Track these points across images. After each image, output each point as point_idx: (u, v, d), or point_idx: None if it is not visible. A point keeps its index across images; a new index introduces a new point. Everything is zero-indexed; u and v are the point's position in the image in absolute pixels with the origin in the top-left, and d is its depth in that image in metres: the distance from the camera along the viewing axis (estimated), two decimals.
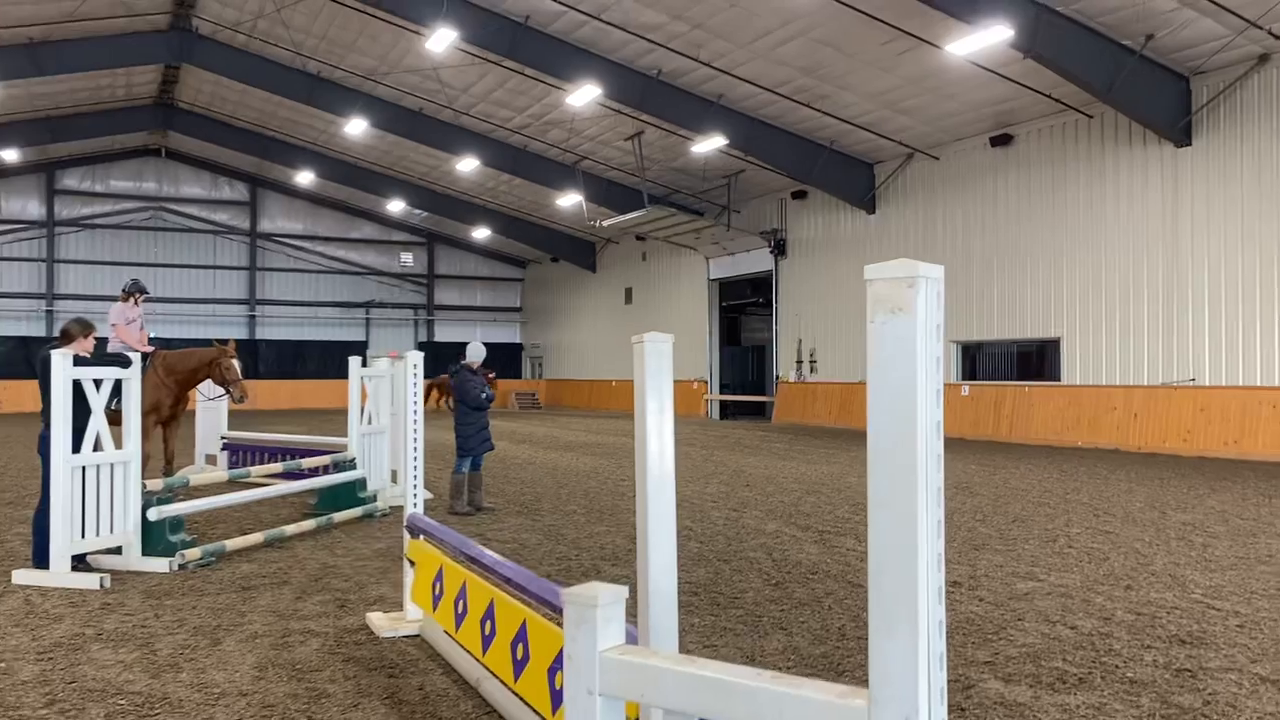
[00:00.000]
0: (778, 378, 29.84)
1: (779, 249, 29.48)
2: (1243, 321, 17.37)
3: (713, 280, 33.17)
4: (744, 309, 35.96)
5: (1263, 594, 6.53)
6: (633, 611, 2.93)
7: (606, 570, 7.43)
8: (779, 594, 6.66)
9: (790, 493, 12.07)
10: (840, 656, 5.19)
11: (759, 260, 30.37)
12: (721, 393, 33.22)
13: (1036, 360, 22.30)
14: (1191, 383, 18.09)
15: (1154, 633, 5.57)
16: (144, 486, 7.67)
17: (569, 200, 31.61)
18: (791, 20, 18.86)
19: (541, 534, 9.13)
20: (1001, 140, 22.03)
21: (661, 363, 3.09)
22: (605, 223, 30.82)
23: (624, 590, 2.23)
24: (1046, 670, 4.88)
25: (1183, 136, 18.21)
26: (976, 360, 23.73)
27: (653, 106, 23.19)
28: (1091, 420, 19.65)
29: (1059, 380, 20.89)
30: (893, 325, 1.77)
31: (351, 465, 10.49)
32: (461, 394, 10.28)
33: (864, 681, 5.01)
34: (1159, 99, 18.03)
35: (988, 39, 16.34)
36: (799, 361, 28.74)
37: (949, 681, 4.74)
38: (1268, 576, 7.08)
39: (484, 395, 10.24)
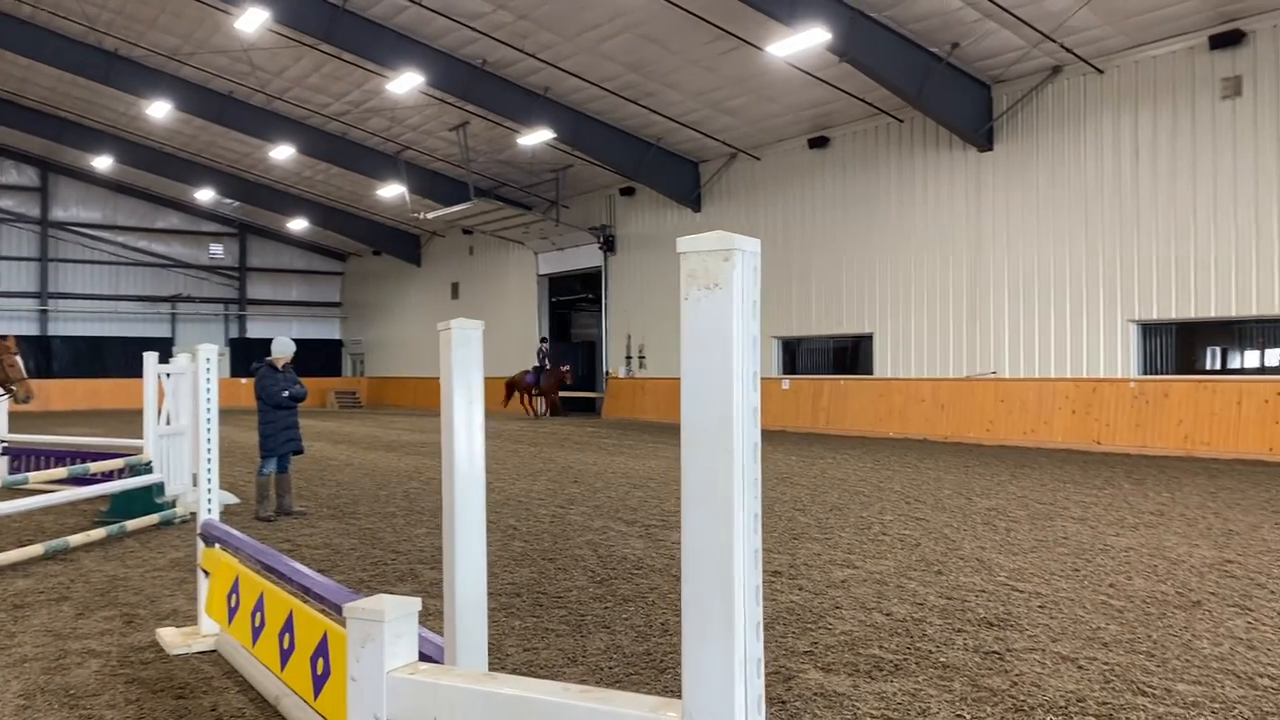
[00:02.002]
0: (607, 373, 29.88)
1: (608, 245, 29.51)
2: (1038, 317, 18.49)
3: (542, 275, 32.92)
4: (574, 304, 35.88)
5: (1060, 574, 6.85)
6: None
7: (424, 574, 7.11)
8: (603, 591, 6.52)
9: (618, 488, 12.00)
10: (663, 653, 5.09)
11: (588, 256, 30.33)
12: None
13: (852, 354, 23.14)
14: (993, 375, 19.13)
15: (964, 616, 5.74)
16: None
17: (391, 191, 30.67)
18: (618, 15, 18.83)
19: (357, 538, 8.70)
20: (819, 142, 22.73)
21: (470, 351, 2.87)
22: (430, 215, 30.08)
23: (415, 603, 2.01)
24: (864, 658, 4.93)
25: (985, 142, 19.23)
26: (796, 355, 24.41)
27: (478, 97, 22.74)
28: (902, 411, 20.52)
29: (872, 374, 21.73)
30: (708, 302, 1.62)
31: (147, 469, 9.73)
32: (261, 392, 9.69)
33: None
34: (964, 105, 18.97)
35: (806, 41, 16.76)
36: (628, 357, 28.86)
37: (770, 673, 4.72)
38: (1064, 557, 7.45)
39: (286, 394, 9.69)
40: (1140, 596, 6.19)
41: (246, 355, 39.38)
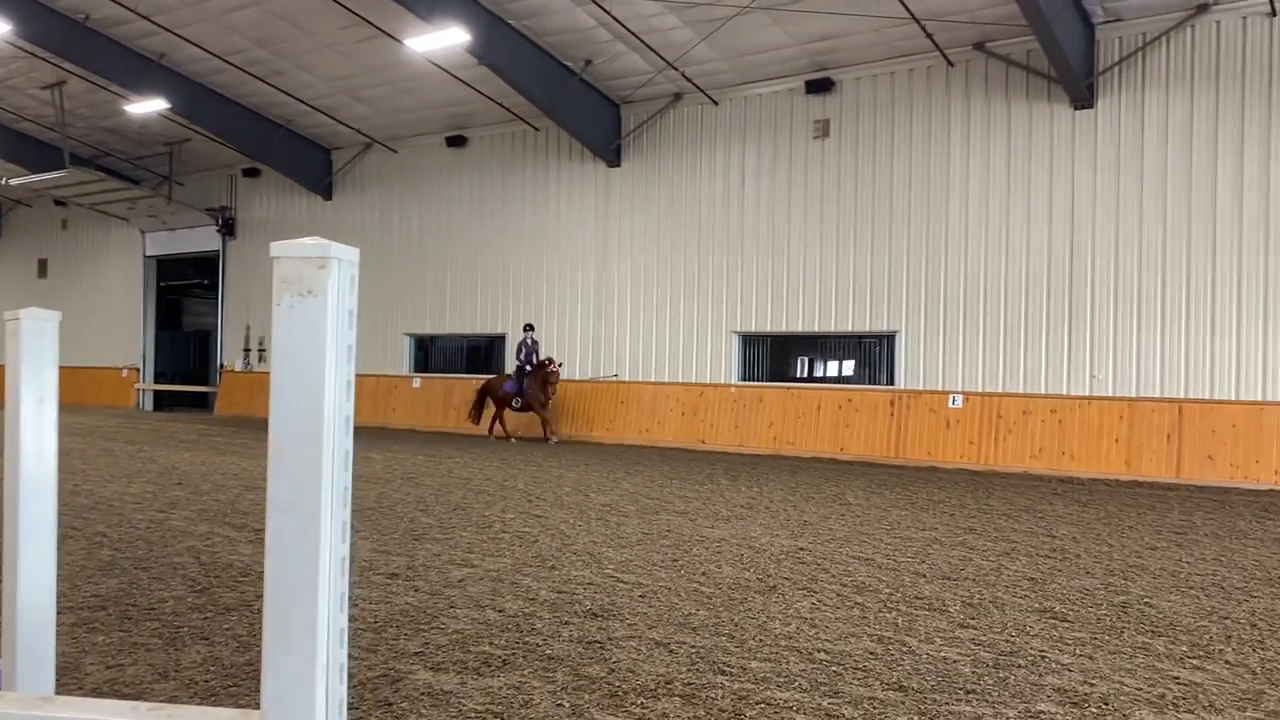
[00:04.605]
0: (222, 366, 27.97)
1: (228, 228, 27.66)
2: (655, 324, 19.81)
3: (149, 257, 30.15)
4: (187, 290, 33.23)
5: (661, 565, 7.40)
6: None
7: None
8: (204, 601, 6.13)
9: (228, 490, 11.29)
10: None
11: (205, 238, 28.22)
12: (157, 381, 30.31)
13: (485, 354, 23.42)
14: (614, 378, 20.20)
15: (572, 609, 6.03)
16: None
17: None
18: None
19: None
20: (457, 141, 22.80)
21: (43, 344, 2.62)
22: (14, 181, 26.53)
23: None
24: (474, 655, 5.04)
25: (614, 158, 20.27)
26: (430, 353, 24.29)
27: (78, 55, 20.39)
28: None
29: (504, 374, 22.12)
30: (301, 309, 1.61)
31: None
32: None
33: None
34: (595, 121, 19.88)
35: (445, 40, 16.78)
36: (247, 349, 27.20)
37: (378, 676, 4.70)
38: (666, 549, 8.05)
39: None
40: (727, 583, 6.84)
41: None
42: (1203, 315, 14.58)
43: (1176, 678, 4.85)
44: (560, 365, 19.47)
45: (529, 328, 20.18)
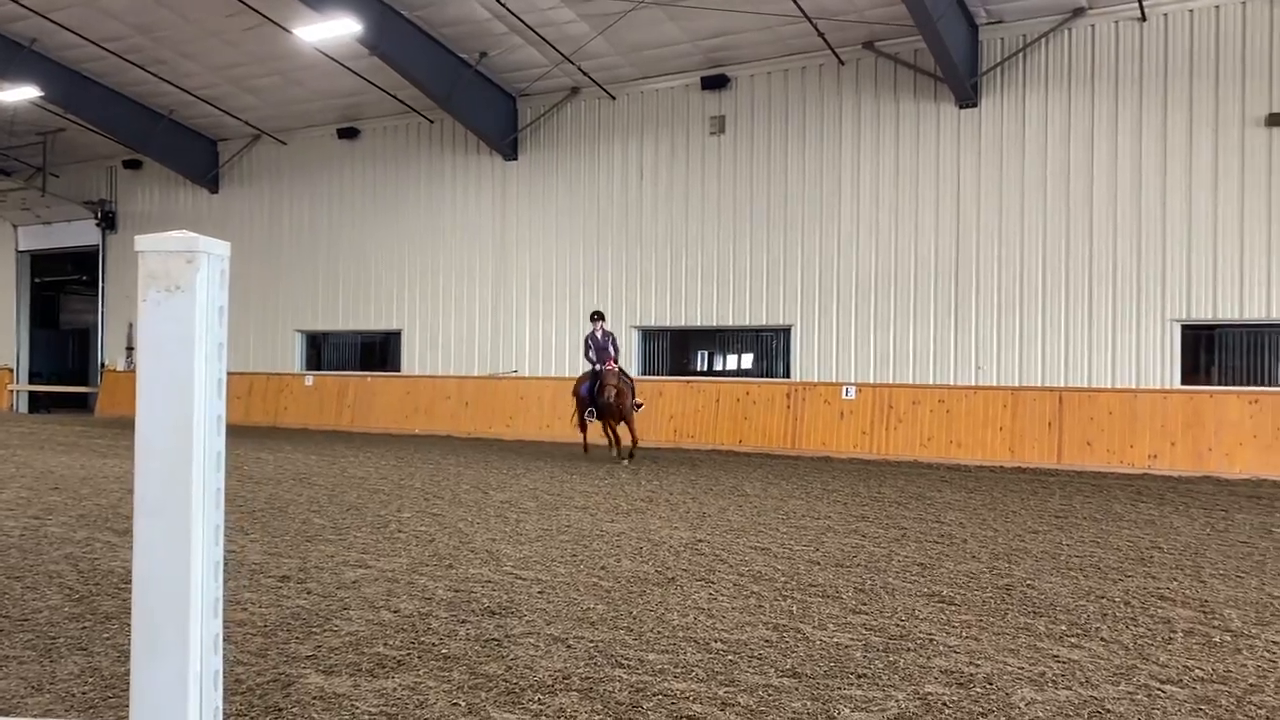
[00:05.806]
0: (104, 366, 26.86)
1: (108, 222, 26.56)
2: (555, 319, 19.74)
3: (23, 252, 28.78)
4: (64, 287, 31.78)
5: (560, 560, 7.38)
6: None
7: None
8: (82, 610, 5.88)
9: (109, 494, 10.85)
10: None
11: (83, 233, 27.05)
12: (32, 382, 28.93)
13: (380, 351, 23.00)
14: (514, 374, 20.06)
15: (469, 607, 5.97)
16: None
17: None
18: None
19: None
20: (349, 133, 22.33)
21: None
22: None
23: None
24: (368, 657, 4.95)
25: (510, 150, 20.11)
26: (322, 350, 23.74)
27: None
28: (428, 408, 20.81)
29: (400, 371, 21.78)
30: (168, 305, 1.55)
31: None
32: None
33: None
34: (491, 113, 19.69)
35: (335, 29, 16.42)
36: (130, 348, 26.17)
37: (268, 681, 4.57)
38: (565, 544, 8.04)
39: None
40: (626, 576, 6.86)
41: None
42: (1080, 306, 15.21)
43: (1056, 656, 5.05)
44: (615, 365, 14.91)
45: (597, 316, 15.32)
